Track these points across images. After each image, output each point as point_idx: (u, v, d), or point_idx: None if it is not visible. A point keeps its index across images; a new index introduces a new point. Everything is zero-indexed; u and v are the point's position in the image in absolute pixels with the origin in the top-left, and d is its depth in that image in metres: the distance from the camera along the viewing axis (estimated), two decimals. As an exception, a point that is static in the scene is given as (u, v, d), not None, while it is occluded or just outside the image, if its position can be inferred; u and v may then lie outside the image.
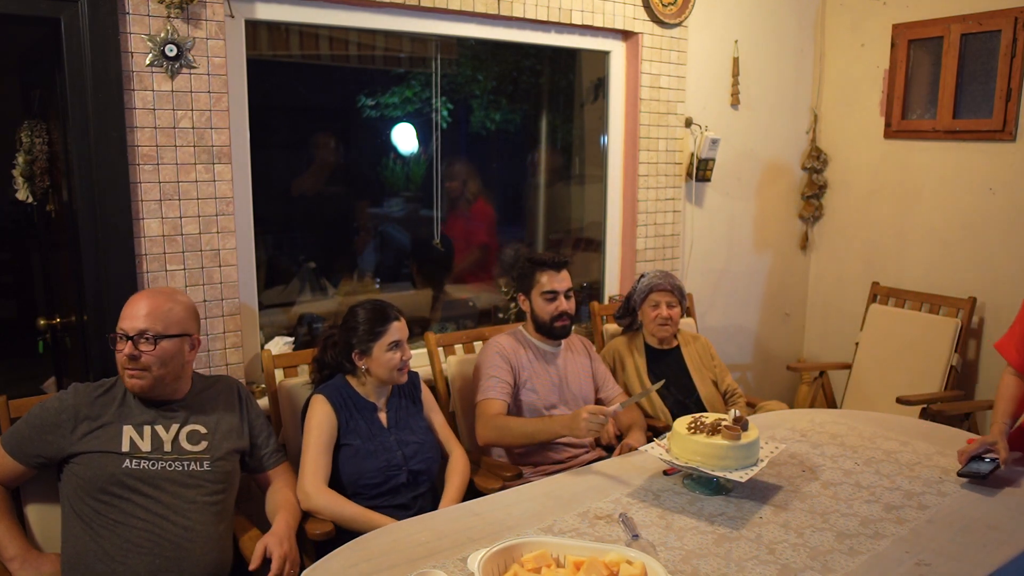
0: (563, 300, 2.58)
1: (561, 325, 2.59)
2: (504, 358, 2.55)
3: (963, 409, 3.30)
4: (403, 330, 2.28)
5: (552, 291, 2.57)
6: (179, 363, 1.96)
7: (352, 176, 3.72)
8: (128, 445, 1.90)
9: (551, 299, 2.57)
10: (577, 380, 2.68)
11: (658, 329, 2.93)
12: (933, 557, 1.70)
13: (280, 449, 2.21)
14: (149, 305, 1.92)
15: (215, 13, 2.36)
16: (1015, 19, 3.30)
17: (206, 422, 2.02)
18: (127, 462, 1.88)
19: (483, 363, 2.57)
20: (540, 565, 1.52)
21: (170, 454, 1.93)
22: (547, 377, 2.61)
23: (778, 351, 4.24)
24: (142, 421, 1.94)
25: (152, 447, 1.92)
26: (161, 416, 1.97)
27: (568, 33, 3.25)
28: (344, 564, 1.66)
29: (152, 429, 1.94)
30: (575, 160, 3.91)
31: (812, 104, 4.11)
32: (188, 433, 1.98)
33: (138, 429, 1.93)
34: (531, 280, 2.61)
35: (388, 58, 3.46)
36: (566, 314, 2.59)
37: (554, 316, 2.58)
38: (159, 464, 1.91)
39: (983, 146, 3.48)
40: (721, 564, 1.66)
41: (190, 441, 1.97)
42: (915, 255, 3.78)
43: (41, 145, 2.57)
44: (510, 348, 2.59)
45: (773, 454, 2.05)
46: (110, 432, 1.90)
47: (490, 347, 2.60)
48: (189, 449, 1.96)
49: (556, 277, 2.58)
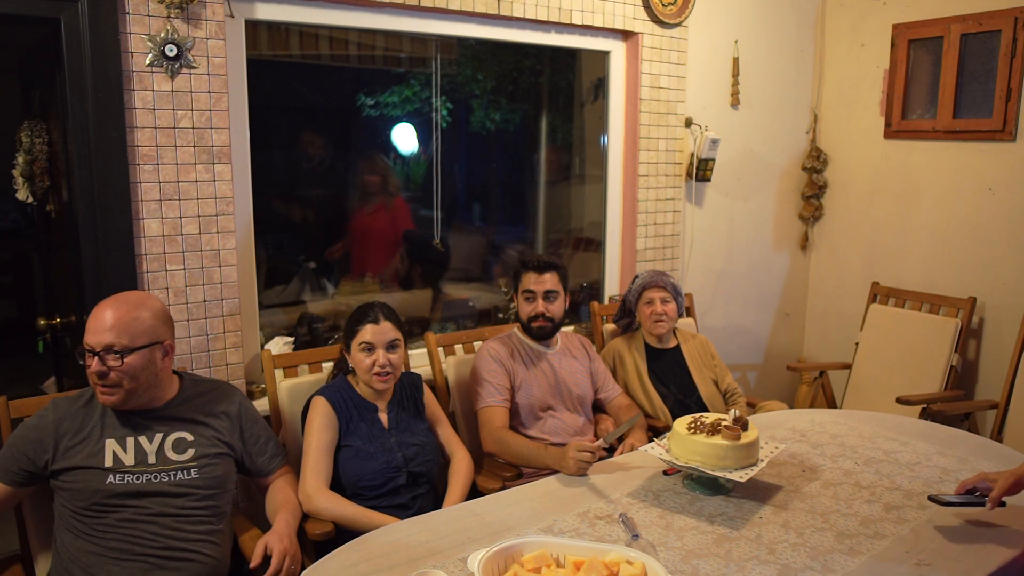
0: (540, 302, 2.60)
1: (538, 326, 2.62)
2: (498, 361, 2.57)
3: (963, 409, 3.31)
4: (380, 333, 2.21)
5: (530, 291, 2.61)
6: (152, 373, 1.86)
7: (352, 176, 3.72)
8: (111, 460, 1.84)
9: (529, 299, 2.62)
10: (574, 380, 2.69)
11: (654, 326, 2.93)
12: (933, 557, 1.70)
13: (280, 453, 2.15)
14: (114, 316, 1.81)
15: (215, 13, 2.36)
16: (1015, 19, 3.30)
17: (192, 428, 1.94)
18: (111, 477, 1.82)
19: (478, 368, 2.58)
20: (540, 565, 1.52)
21: (155, 465, 1.86)
22: (541, 377, 2.62)
23: (778, 351, 4.24)
24: (124, 433, 1.87)
25: (136, 460, 1.85)
26: (143, 426, 1.89)
27: (568, 33, 3.25)
28: (344, 564, 1.66)
29: (135, 441, 1.87)
30: (575, 160, 3.91)
31: (812, 104, 4.11)
32: (173, 442, 1.91)
33: (121, 442, 1.86)
34: (518, 280, 2.67)
35: (388, 58, 3.46)
36: (543, 316, 2.60)
37: (531, 316, 2.62)
38: (144, 476, 1.84)
39: (983, 146, 3.48)
40: (721, 564, 1.66)
41: (176, 450, 1.90)
42: (915, 255, 3.78)
43: (41, 145, 2.57)
44: (503, 352, 2.61)
45: (773, 454, 2.05)
46: (93, 446, 1.84)
47: (482, 351, 2.62)
48: (175, 459, 1.89)
49: (537, 278, 2.60)
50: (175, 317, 2.39)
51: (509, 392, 2.54)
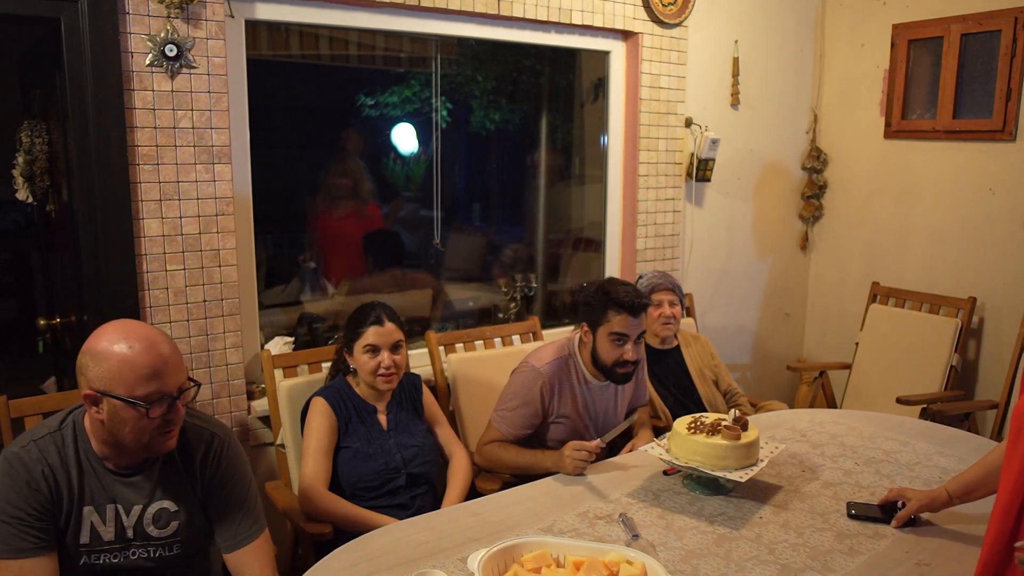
0: (631, 346, 2.29)
1: (623, 373, 2.33)
2: (543, 399, 2.33)
3: (963, 409, 3.31)
4: (385, 335, 2.19)
5: (623, 335, 2.28)
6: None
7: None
8: (88, 535, 1.57)
9: (619, 343, 2.28)
10: (613, 411, 2.48)
11: (662, 328, 2.92)
12: (933, 557, 1.70)
13: (258, 520, 1.73)
14: (170, 351, 1.54)
15: (215, 13, 2.36)
16: (1015, 19, 3.30)
17: (177, 496, 1.64)
18: (85, 559, 1.57)
19: (520, 388, 2.35)
20: (540, 565, 1.52)
21: (134, 542, 1.61)
22: (583, 410, 2.41)
23: (778, 351, 4.24)
24: (104, 499, 1.59)
25: (116, 535, 1.59)
26: (125, 489, 1.60)
27: (568, 33, 3.25)
28: (344, 564, 1.66)
29: (116, 509, 1.59)
30: (575, 160, 3.91)
31: (812, 104, 4.11)
32: (155, 514, 1.62)
33: (100, 510, 1.58)
34: (601, 316, 2.30)
35: (388, 58, 3.47)
36: (631, 363, 2.31)
37: (617, 362, 2.30)
38: (121, 555, 1.60)
39: (983, 146, 3.48)
40: (721, 564, 1.66)
41: (157, 524, 1.62)
42: (915, 255, 3.78)
43: (41, 145, 2.57)
44: (556, 381, 2.35)
45: (773, 454, 2.05)
46: (69, 510, 1.56)
47: (535, 376, 2.33)
48: (156, 535, 1.62)
49: (632, 322, 2.27)
50: (175, 317, 2.40)
51: (529, 431, 2.38)
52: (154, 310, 2.36)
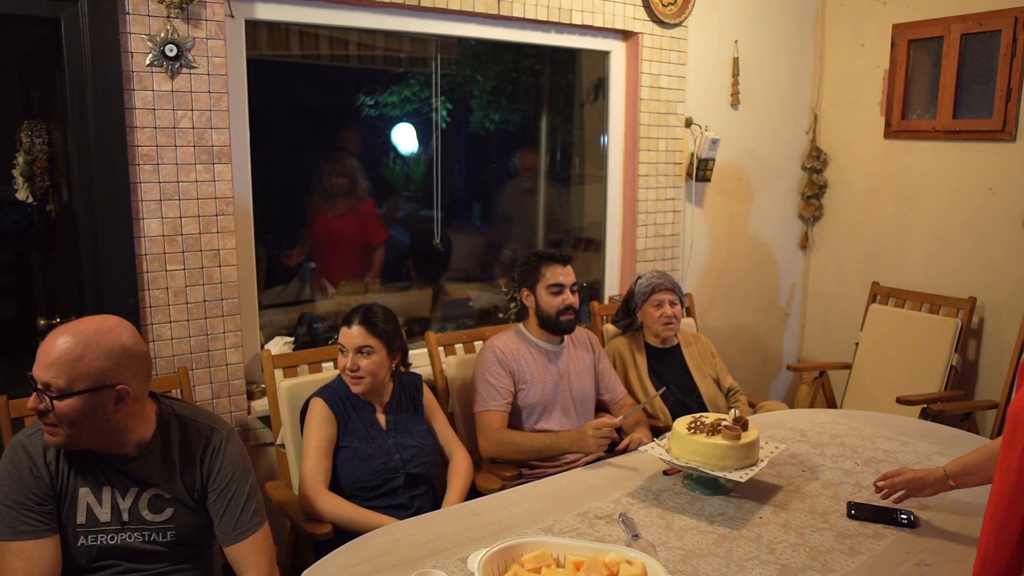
0: (569, 294, 2.55)
1: (567, 319, 2.57)
2: (502, 363, 2.52)
3: (963, 409, 3.31)
4: (349, 337, 2.20)
5: (558, 284, 2.55)
6: (99, 420, 1.55)
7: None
8: (85, 515, 1.62)
9: (557, 292, 2.55)
10: (579, 378, 2.66)
11: (663, 328, 2.92)
12: (933, 557, 1.70)
13: (258, 513, 1.75)
14: (59, 350, 1.52)
15: (215, 13, 2.36)
16: (1015, 19, 3.30)
17: (170, 485, 1.68)
18: (82, 539, 1.61)
19: (481, 368, 2.54)
20: (540, 565, 1.52)
21: (129, 524, 1.64)
22: (548, 377, 2.59)
23: (778, 351, 4.24)
24: (98, 481, 1.63)
25: (112, 516, 1.63)
26: (117, 476, 1.64)
27: (568, 33, 3.25)
28: (344, 564, 1.66)
29: (111, 492, 1.64)
30: (575, 160, 3.91)
31: (812, 104, 4.11)
32: (150, 499, 1.66)
33: (95, 492, 1.62)
34: (536, 275, 2.59)
35: (388, 58, 3.47)
36: (572, 308, 2.56)
37: (560, 310, 2.55)
38: (118, 537, 1.63)
39: (983, 146, 3.48)
40: (721, 564, 1.66)
41: (152, 509, 1.66)
42: (915, 255, 3.78)
43: (41, 145, 2.57)
44: (509, 350, 2.56)
45: (773, 454, 2.05)
46: (68, 491, 1.61)
47: (488, 351, 2.56)
48: (151, 520, 1.66)
49: (562, 271, 2.56)
50: (175, 317, 2.40)
51: (510, 396, 2.51)
52: (154, 310, 2.36)
